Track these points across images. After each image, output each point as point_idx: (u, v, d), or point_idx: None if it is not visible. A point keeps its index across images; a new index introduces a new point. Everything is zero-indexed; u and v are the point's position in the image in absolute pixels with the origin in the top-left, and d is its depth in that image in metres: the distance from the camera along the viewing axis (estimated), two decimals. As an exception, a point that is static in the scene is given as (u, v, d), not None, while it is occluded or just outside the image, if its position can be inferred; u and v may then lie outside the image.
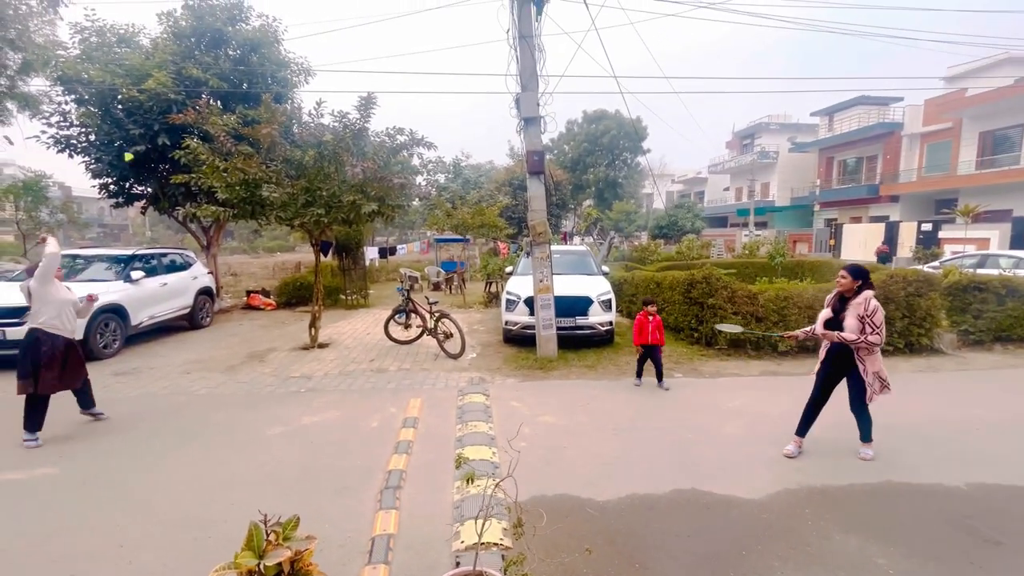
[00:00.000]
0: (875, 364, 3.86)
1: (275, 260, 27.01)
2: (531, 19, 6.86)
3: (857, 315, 3.78)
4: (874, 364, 3.86)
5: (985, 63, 22.64)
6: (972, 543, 2.93)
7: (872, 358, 3.86)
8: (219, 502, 3.43)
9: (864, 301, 3.77)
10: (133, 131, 9.54)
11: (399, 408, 5.23)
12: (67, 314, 4.55)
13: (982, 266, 11.84)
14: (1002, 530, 3.04)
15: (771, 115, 37.60)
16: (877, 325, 3.73)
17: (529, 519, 2.59)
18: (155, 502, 3.45)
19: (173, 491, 3.60)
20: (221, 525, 3.13)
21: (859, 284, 3.85)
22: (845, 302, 3.90)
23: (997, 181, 21.64)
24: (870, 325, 3.74)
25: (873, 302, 3.77)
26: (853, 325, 3.79)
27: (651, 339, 5.73)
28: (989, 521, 3.13)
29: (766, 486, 3.58)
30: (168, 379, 6.48)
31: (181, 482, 3.73)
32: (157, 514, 3.30)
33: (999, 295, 7.49)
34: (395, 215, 8.48)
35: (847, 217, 29.39)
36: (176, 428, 4.82)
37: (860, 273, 3.88)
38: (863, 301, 3.77)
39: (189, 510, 3.33)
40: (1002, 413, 5.00)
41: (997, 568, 2.72)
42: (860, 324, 3.77)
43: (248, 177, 6.82)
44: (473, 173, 35.68)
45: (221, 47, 10.86)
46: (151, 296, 8.64)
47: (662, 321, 5.89)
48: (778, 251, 13.94)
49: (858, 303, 3.79)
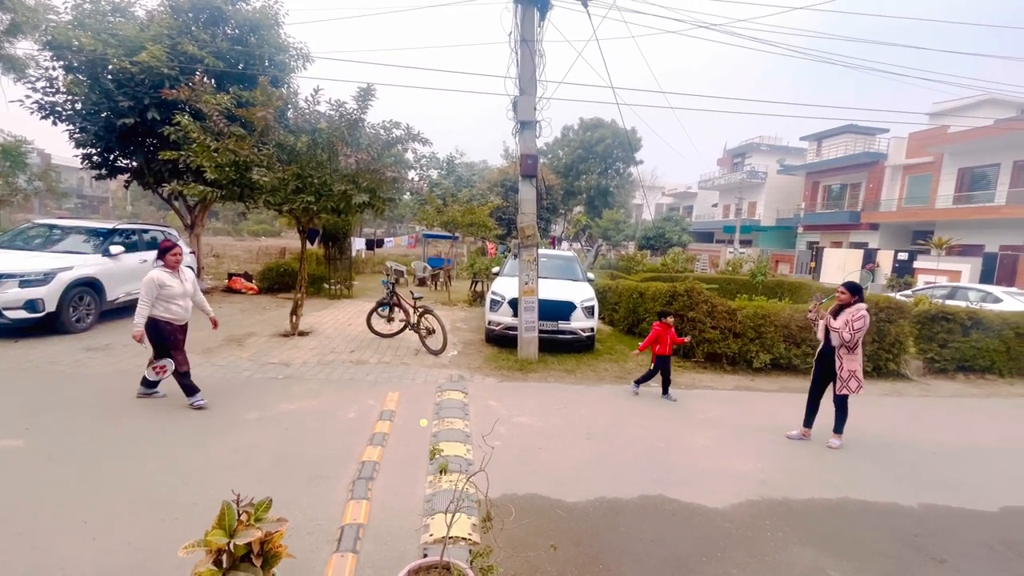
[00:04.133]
0: (852, 364, 4.59)
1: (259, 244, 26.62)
2: (534, 24, 6.93)
3: (845, 320, 4.55)
4: (851, 363, 4.59)
5: (967, 102, 23.46)
6: (919, 561, 3.07)
7: (850, 357, 4.58)
8: (190, 484, 3.41)
9: (856, 310, 4.55)
10: (122, 103, 9.34)
11: (377, 400, 5.23)
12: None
13: (951, 297, 12.29)
14: (947, 550, 3.19)
15: (762, 136, 38.39)
16: (856, 329, 4.49)
17: (498, 515, 2.64)
18: (123, 481, 3.41)
19: (143, 471, 3.56)
20: (191, 507, 3.11)
21: (855, 298, 4.63)
22: (842, 310, 4.67)
23: (972, 217, 22.43)
24: (851, 327, 4.49)
25: (861, 312, 4.53)
26: (842, 325, 4.58)
27: (668, 350, 5.82)
28: (937, 541, 3.28)
29: (730, 496, 3.69)
30: (142, 358, 6.31)
31: (151, 463, 3.69)
32: (125, 493, 3.26)
33: (965, 326, 7.79)
34: (386, 208, 8.47)
35: (828, 241, 30.14)
36: (148, 408, 4.75)
37: (856, 289, 4.71)
38: (855, 310, 4.56)
39: (158, 491, 3.31)
40: (960, 439, 5.22)
41: (940, 585, 2.85)
42: (849, 326, 4.52)
43: (239, 159, 6.75)
44: (466, 171, 35.67)
45: (219, 25, 10.71)
46: (130, 272, 8.47)
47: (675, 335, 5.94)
48: (760, 270, 14.26)
49: (851, 310, 4.57)
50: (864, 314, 4.52)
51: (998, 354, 7.79)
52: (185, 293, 4.78)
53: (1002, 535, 3.39)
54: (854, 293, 4.65)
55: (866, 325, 4.53)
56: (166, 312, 4.64)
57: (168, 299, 4.63)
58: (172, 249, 4.76)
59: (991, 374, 7.83)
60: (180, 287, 4.72)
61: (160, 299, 4.60)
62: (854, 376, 4.59)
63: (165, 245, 4.77)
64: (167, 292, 4.61)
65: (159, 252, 4.77)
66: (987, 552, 3.19)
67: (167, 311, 4.65)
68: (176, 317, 4.71)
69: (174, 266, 4.74)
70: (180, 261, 4.83)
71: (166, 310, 4.64)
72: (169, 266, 4.71)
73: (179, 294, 4.70)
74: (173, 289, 4.65)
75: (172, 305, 4.66)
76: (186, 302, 4.81)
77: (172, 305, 4.66)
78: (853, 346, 4.54)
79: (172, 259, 4.73)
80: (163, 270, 4.67)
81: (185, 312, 4.80)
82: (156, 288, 4.56)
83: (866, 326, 4.53)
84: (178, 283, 4.71)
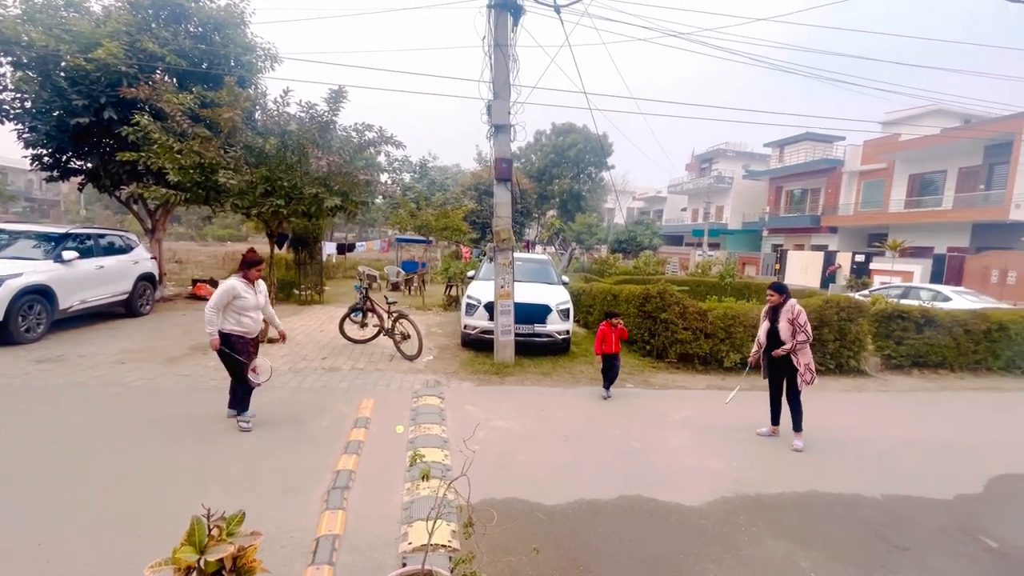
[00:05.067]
0: (806, 356, 4.73)
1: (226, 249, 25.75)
2: (507, 29, 6.97)
3: (787, 319, 4.71)
4: (805, 356, 4.72)
5: (917, 112, 24.82)
6: (884, 549, 3.20)
7: (803, 351, 4.72)
8: (154, 500, 3.25)
9: (791, 307, 4.74)
10: (76, 101, 8.90)
11: (351, 408, 5.12)
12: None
13: (905, 297, 12.92)
14: (910, 537, 3.33)
15: (728, 142, 39.58)
16: (802, 324, 4.65)
17: (479, 520, 2.62)
18: (82, 499, 3.23)
19: (102, 488, 3.38)
20: (155, 524, 2.97)
21: (784, 297, 4.84)
22: (777, 312, 4.82)
23: (922, 220, 23.71)
24: (798, 325, 4.65)
25: (798, 307, 4.73)
26: (785, 327, 4.72)
27: (615, 348, 5.99)
28: (899, 529, 3.43)
29: (706, 494, 3.76)
30: (99, 369, 6.06)
31: (112, 479, 3.51)
32: (83, 511, 3.09)
33: (918, 324, 8.20)
34: (358, 211, 8.34)
35: (792, 244, 31.29)
36: (107, 421, 4.52)
37: (782, 289, 4.93)
38: (790, 308, 4.74)
39: (120, 508, 3.14)
40: (916, 432, 5.48)
41: (904, 571, 2.98)
42: (791, 326, 4.69)
43: (204, 161, 6.54)
44: (440, 175, 35.49)
45: (181, 23, 10.36)
46: (85, 279, 8.06)
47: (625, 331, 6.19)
48: (728, 272, 14.67)
49: (787, 310, 4.75)
50: (800, 308, 4.72)
51: (949, 350, 8.22)
52: (258, 305, 4.56)
53: (957, 521, 3.57)
54: (781, 292, 4.85)
55: (805, 314, 4.71)
56: (237, 325, 4.42)
57: (240, 311, 4.41)
58: (258, 264, 4.54)
59: (943, 369, 8.25)
60: (254, 299, 4.50)
61: (232, 310, 4.38)
62: (809, 368, 4.72)
63: (251, 258, 4.52)
64: (240, 303, 4.39)
65: (244, 263, 4.52)
66: (945, 538, 3.35)
67: (239, 324, 4.42)
68: (247, 330, 4.49)
69: (254, 280, 4.53)
70: (260, 276, 4.64)
71: (238, 323, 4.42)
72: (249, 279, 4.49)
73: (252, 306, 4.48)
74: (247, 300, 4.42)
75: (244, 317, 4.44)
76: (258, 315, 4.59)
77: (244, 317, 4.44)
78: (806, 339, 4.67)
79: (255, 274, 4.52)
80: (241, 280, 4.44)
81: (256, 324, 4.58)
82: (229, 297, 4.33)
83: (805, 315, 4.71)
84: (252, 295, 4.49)
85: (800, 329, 4.64)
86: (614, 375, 6.12)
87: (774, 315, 4.84)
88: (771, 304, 4.89)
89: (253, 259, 4.52)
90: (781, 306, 4.79)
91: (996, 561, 3.12)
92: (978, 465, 4.54)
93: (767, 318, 4.91)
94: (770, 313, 4.90)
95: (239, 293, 4.38)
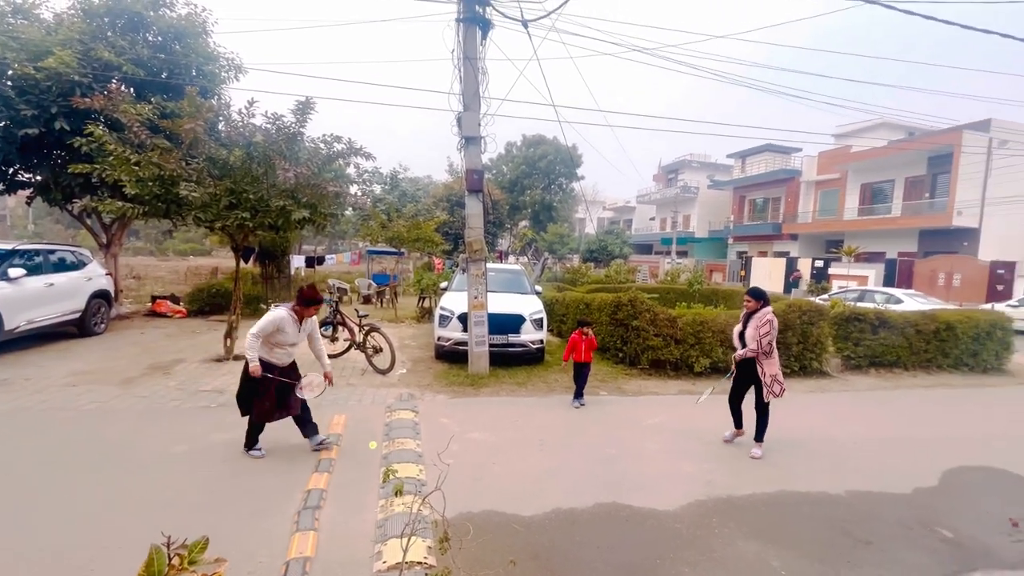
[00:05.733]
0: (772, 368, 4.64)
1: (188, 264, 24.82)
2: (476, 42, 7.04)
3: (756, 326, 4.63)
4: (771, 368, 4.64)
5: (865, 125, 26.29)
6: (849, 544, 3.31)
7: (769, 362, 4.63)
8: (110, 530, 3.07)
9: (761, 316, 4.64)
10: (24, 112, 8.47)
11: (322, 424, 4.97)
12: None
13: (861, 300, 13.55)
14: (872, 532, 3.46)
15: (693, 153, 40.92)
16: (762, 335, 4.56)
17: (455, 534, 2.58)
18: (28, 533, 3.02)
19: (52, 520, 3.17)
20: (110, 557, 2.81)
21: (761, 304, 4.73)
22: (750, 318, 4.74)
23: (874, 227, 25.00)
24: (760, 334, 4.58)
25: (768, 316, 4.61)
26: (752, 334, 4.65)
27: (584, 357, 6.02)
28: (863, 525, 3.56)
29: (679, 498, 3.82)
30: (47, 392, 5.72)
31: (63, 510, 3.30)
32: (30, 547, 2.89)
33: (874, 326, 8.59)
34: (327, 223, 8.20)
35: (756, 251, 32.43)
36: (56, 447, 4.26)
37: (760, 295, 4.80)
38: (761, 316, 4.64)
39: (72, 540, 2.95)
40: (876, 429, 5.71)
41: (868, 564, 3.09)
42: (756, 333, 4.60)
43: (164, 173, 6.30)
44: (411, 186, 35.33)
45: (140, 31, 10.03)
46: (33, 297, 7.63)
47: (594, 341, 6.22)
48: (696, 279, 15.06)
49: (758, 317, 4.66)
50: (770, 318, 4.58)
51: (902, 350, 8.64)
52: (295, 343, 4.29)
53: (916, 514, 3.73)
54: (758, 299, 4.70)
55: (773, 330, 4.56)
56: (267, 355, 4.16)
57: (275, 344, 4.17)
58: (316, 304, 4.26)
59: (898, 368, 8.66)
60: (294, 337, 4.22)
61: (267, 342, 4.12)
62: (776, 380, 4.63)
63: (311, 295, 4.21)
64: (279, 337, 4.12)
65: (302, 299, 4.20)
66: (905, 531, 3.49)
67: (269, 354, 4.17)
68: (278, 361, 4.22)
69: (305, 318, 4.25)
70: (315, 315, 4.37)
71: (269, 352, 4.16)
72: (299, 316, 4.21)
73: (290, 343, 4.22)
74: (287, 337, 4.15)
75: (278, 350, 4.19)
76: (292, 351, 4.31)
77: (278, 350, 4.19)
78: (769, 351, 4.57)
79: (309, 312, 4.25)
80: (291, 313, 4.17)
81: (288, 359, 4.31)
82: (273, 327, 4.06)
83: (774, 331, 4.56)
84: (295, 332, 4.20)
85: (760, 340, 4.54)
86: (581, 383, 6.15)
87: (747, 320, 4.78)
88: (747, 310, 4.79)
89: (313, 297, 4.22)
90: (755, 312, 4.71)
91: (951, 551, 3.27)
92: (933, 459, 4.76)
93: (742, 322, 4.86)
94: (745, 317, 4.84)
95: (283, 327, 4.10)
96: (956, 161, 21.44)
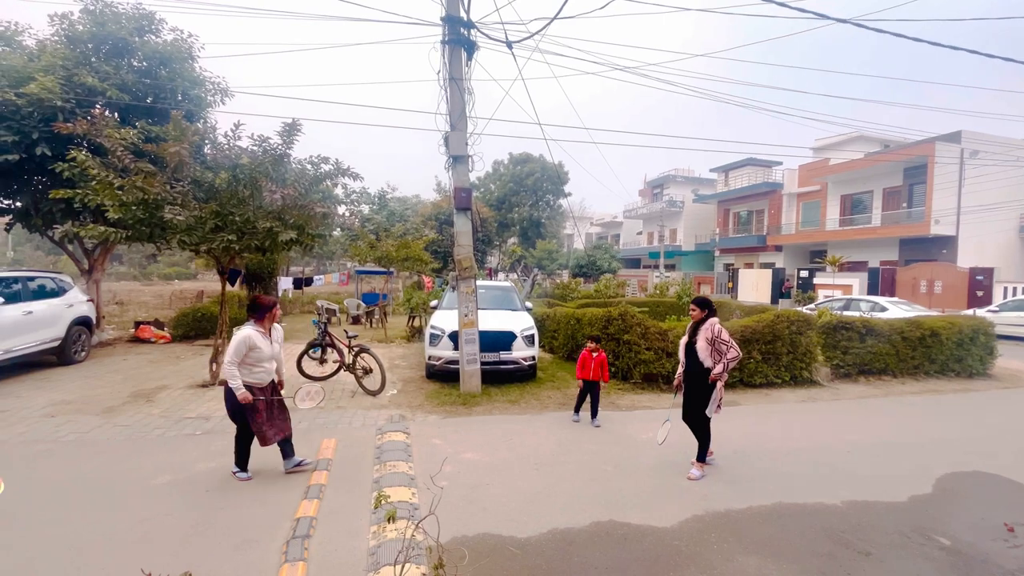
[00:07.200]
0: (723, 380, 4.39)
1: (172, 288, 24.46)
2: (461, 63, 7.15)
3: (705, 338, 4.35)
4: (722, 380, 4.39)
5: (843, 138, 27.05)
6: (848, 555, 3.28)
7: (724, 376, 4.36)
8: (91, 566, 2.94)
9: (710, 326, 4.37)
10: (5, 138, 8.37)
11: (311, 450, 4.87)
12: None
13: (847, 309, 13.75)
14: (870, 541, 3.44)
15: (677, 168, 41.65)
16: (725, 340, 4.29)
17: (450, 560, 2.51)
18: (5, 571, 2.88)
19: (27, 556, 3.03)
20: (86, 595, 2.68)
21: (705, 313, 4.46)
22: (696, 328, 4.48)
23: (855, 237, 25.52)
24: (720, 342, 4.29)
25: (717, 326, 4.35)
26: (703, 346, 4.36)
27: (592, 375, 5.89)
28: (860, 534, 3.53)
29: (677, 513, 3.77)
30: (25, 423, 5.53)
31: (38, 545, 3.15)
32: (0, 588, 2.75)
33: (860, 334, 8.70)
34: (315, 244, 8.15)
35: (742, 263, 32.87)
36: (34, 481, 4.10)
37: (705, 304, 4.53)
38: (709, 326, 4.37)
39: (50, 574, 2.82)
40: (868, 437, 5.73)
41: None
42: (709, 345, 4.33)
43: (148, 197, 6.24)
44: (399, 206, 35.38)
45: (124, 57, 10.04)
46: (10, 326, 7.42)
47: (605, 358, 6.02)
48: (685, 291, 15.21)
49: (705, 328, 4.39)
50: (720, 327, 4.35)
51: (890, 357, 8.74)
52: (273, 356, 4.18)
53: (913, 522, 3.72)
54: (704, 308, 4.48)
55: (731, 340, 4.33)
56: (249, 376, 4.03)
57: (254, 362, 4.04)
58: (272, 310, 4.16)
59: (886, 375, 8.75)
60: (269, 349, 4.12)
61: (245, 363, 4.00)
62: (720, 392, 4.40)
63: (263, 302, 4.14)
64: (255, 355, 4.02)
65: (254, 308, 4.13)
66: (903, 540, 3.48)
67: (250, 374, 4.04)
68: (259, 381, 4.11)
69: (269, 327, 4.15)
70: (277, 318, 4.26)
71: (250, 373, 4.03)
72: (263, 327, 4.11)
73: (267, 357, 4.11)
74: (262, 352, 4.05)
75: (257, 368, 4.06)
76: (272, 364, 4.20)
77: (257, 368, 4.06)
78: (733, 358, 4.29)
79: (269, 320, 4.14)
80: (256, 329, 4.07)
81: (269, 375, 4.19)
82: (245, 348, 3.96)
83: (732, 341, 4.34)
84: (267, 344, 4.11)
85: (728, 346, 4.27)
86: (593, 404, 5.96)
87: (693, 332, 4.49)
88: (694, 320, 4.51)
89: (265, 303, 4.15)
90: (701, 323, 4.43)
91: (950, 559, 3.26)
92: (926, 466, 4.78)
93: (687, 333, 4.56)
94: (691, 329, 4.54)
95: (255, 344, 4.02)
96: (931, 172, 22.08)
